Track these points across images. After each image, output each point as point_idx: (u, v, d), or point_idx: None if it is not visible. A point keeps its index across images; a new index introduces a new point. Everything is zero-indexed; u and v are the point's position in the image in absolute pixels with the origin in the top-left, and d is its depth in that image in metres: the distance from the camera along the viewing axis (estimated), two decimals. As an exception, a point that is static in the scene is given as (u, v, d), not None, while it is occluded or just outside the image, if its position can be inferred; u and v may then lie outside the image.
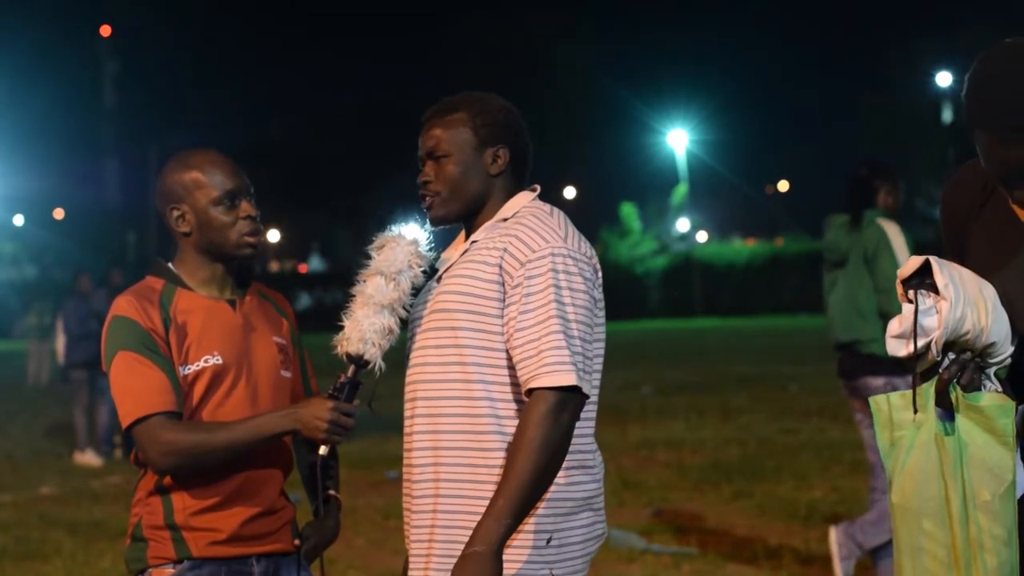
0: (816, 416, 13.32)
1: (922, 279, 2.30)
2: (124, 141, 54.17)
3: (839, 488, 8.95)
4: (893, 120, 49.13)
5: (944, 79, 51.01)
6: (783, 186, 66.88)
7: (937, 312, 2.26)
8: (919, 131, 46.31)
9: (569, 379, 2.52)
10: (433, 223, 2.79)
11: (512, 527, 2.49)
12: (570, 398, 2.53)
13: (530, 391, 2.54)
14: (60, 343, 13.39)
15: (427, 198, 2.76)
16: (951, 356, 2.31)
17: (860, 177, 6.01)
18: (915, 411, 2.30)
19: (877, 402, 2.36)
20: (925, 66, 50.08)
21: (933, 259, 2.31)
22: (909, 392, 2.32)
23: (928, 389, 2.31)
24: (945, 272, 2.29)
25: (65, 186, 49.58)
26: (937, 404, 2.30)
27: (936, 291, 2.28)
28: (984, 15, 47.61)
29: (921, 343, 2.28)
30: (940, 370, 2.31)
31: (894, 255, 5.69)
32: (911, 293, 2.29)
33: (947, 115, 51.25)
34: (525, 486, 2.48)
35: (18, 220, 49.72)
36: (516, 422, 2.57)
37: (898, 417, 2.32)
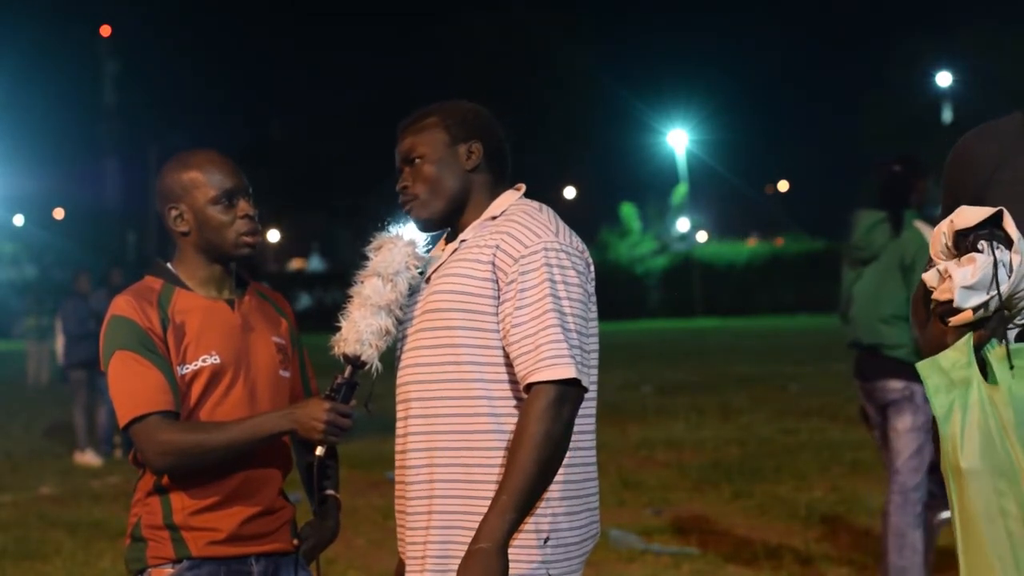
0: (816, 416, 13.33)
1: (991, 230, 2.19)
2: (124, 141, 54.24)
3: (839, 488, 8.95)
4: (893, 120, 49.10)
5: (944, 79, 51.01)
6: (783, 186, 66.97)
7: (1006, 265, 2.17)
8: (919, 131, 46.24)
9: (568, 372, 2.51)
10: (421, 228, 2.78)
11: (516, 522, 2.49)
12: (570, 391, 2.53)
13: (529, 386, 2.54)
14: (59, 343, 13.39)
15: (407, 203, 2.76)
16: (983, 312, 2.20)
17: (895, 174, 5.72)
18: (974, 365, 2.18)
19: (924, 368, 2.24)
20: (925, 66, 50.08)
21: (1005, 211, 2.20)
22: (954, 352, 2.22)
23: (968, 344, 2.21)
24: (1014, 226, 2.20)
25: (65, 186, 49.62)
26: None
27: (1006, 244, 2.18)
28: (984, 14, 47.63)
29: (988, 297, 2.17)
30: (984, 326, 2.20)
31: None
32: (982, 243, 2.18)
33: (947, 115, 51.23)
34: (528, 481, 2.48)
35: (18, 220, 49.71)
36: (515, 419, 2.56)
37: (952, 378, 2.21)
